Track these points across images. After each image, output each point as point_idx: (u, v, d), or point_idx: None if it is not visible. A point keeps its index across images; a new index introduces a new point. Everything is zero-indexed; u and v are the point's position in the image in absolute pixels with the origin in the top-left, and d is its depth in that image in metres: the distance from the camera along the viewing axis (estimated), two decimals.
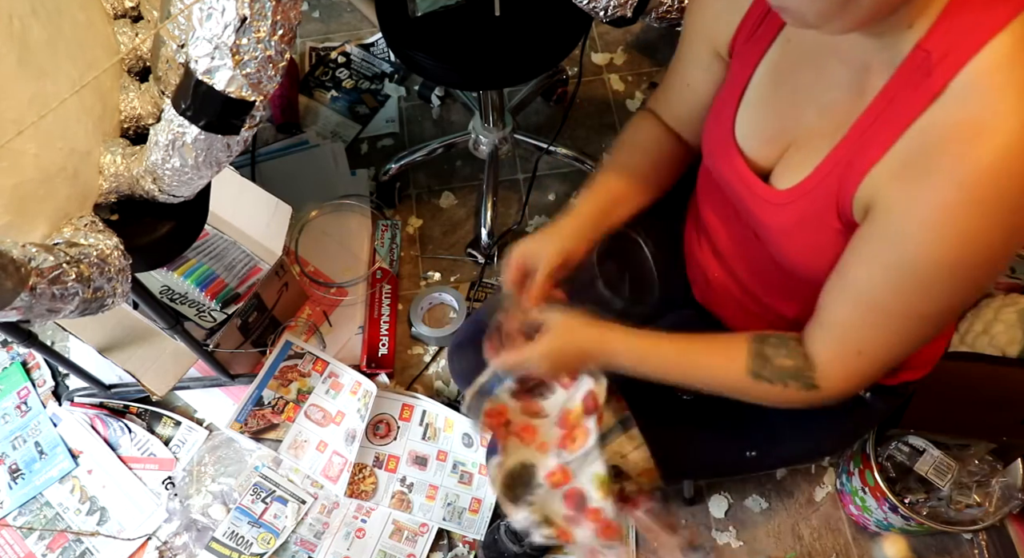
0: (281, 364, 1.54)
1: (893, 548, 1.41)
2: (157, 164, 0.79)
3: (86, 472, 1.50)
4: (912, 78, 0.61)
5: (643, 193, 0.95)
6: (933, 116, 0.59)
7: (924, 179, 0.59)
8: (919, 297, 0.65)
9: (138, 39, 0.88)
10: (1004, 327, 1.26)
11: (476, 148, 1.76)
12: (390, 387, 1.57)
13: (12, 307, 0.66)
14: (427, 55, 1.32)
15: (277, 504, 1.45)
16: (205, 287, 1.35)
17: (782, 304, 0.86)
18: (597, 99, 1.96)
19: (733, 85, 0.79)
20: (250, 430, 1.49)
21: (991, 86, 0.56)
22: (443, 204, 1.82)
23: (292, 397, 1.52)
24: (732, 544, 1.43)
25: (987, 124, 0.56)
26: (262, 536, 1.43)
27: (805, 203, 0.72)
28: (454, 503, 1.45)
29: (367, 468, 1.48)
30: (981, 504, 1.29)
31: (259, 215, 1.43)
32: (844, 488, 1.43)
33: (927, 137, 0.60)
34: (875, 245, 0.65)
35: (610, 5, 1.16)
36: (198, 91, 0.71)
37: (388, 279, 1.69)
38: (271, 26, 0.67)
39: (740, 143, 0.79)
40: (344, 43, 2.08)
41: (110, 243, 0.79)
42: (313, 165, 1.85)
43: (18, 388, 1.59)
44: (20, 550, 1.45)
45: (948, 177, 0.58)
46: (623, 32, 2.05)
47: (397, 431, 1.51)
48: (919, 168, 0.60)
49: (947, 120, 0.58)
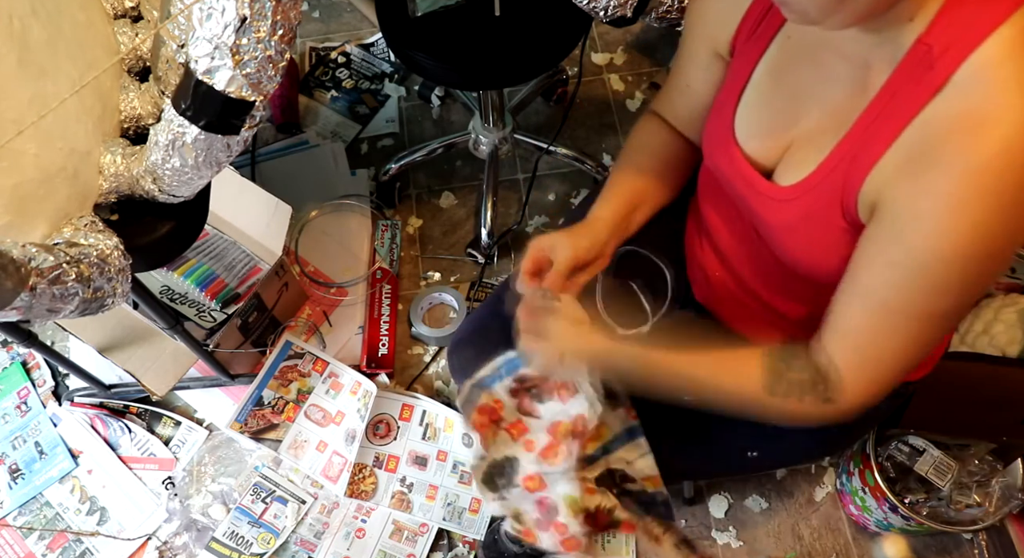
0: (281, 364, 1.54)
1: (893, 548, 1.41)
2: (157, 164, 0.79)
3: (86, 472, 1.50)
4: (914, 73, 0.61)
5: (659, 194, 0.95)
6: (935, 109, 0.59)
7: (928, 172, 0.59)
8: (931, 295, 0.65)
9: (138, 39, 0.88)
10: (1004, 327, 1.26)
11: (476, 148, 1.76)
12: (390, 387, 1.57)
13: (12, 307, 0.66)
14: (427, 55, 1.32)
15: (277, 504, 1.45)
16: (205, 287, 1.35)
17: (783, 304, 0.86)
18: (597, 99, 1.96)
19: (733, 83, 0.79)
20: (250, 430, 1.49)
21: (993, 78, 0.56)
22: (443, 204, 1.82)
23: (292, 397, 1.52)
24: (732, 544, 1.43)
25: (990, 115, 0.56)
26: (262, 536, 1.43)
27: (808, 200, 0.71)
28: (454, 503, 1.45)
29: (367, 468, 1.48)
30: (981, 504, 1.29)
31: (259, 215, 1.43)
32: (844, 488, 1.43)
33: (930, 130, 0.60)
34: (883, 244, 0.65)
35: (610, 5, 1.16)
36: (198, 91, 0.71)
37: (388, 279, 1.69)
38: (271, 26, 0.67)
39: (740, 141, 0.79)
40: (344, 43, 2.08)
41: (110, 243, 0.79)
42: (313, 165, 1.85)
43: (18, 388, 1.59)
44: (20, 550, 1.45)
45: (952, 169, 0.58)
46: (623, 32, 2.05)
47: (397, 431, 1.51)
48: (923, 162, 0.60)
49: (950, 112, 0.58)
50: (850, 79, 0.68)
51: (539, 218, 1.79)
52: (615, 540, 1.43)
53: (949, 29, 0.58)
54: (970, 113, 0.57)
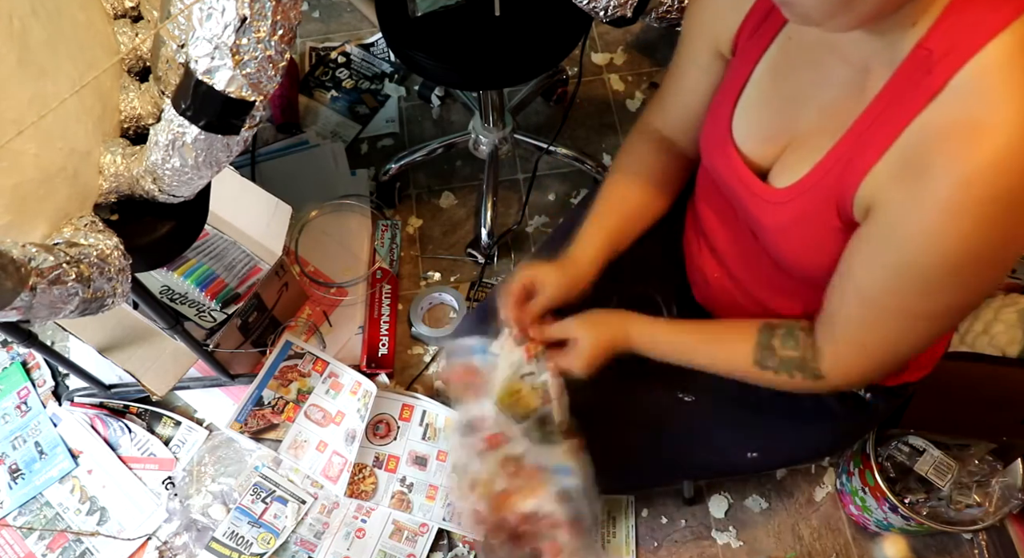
0: (281, 364, 1.54)
1: (893, 548, 1.41)
2: (157, 164, 0.79)
3: (86, 472, 1.50)
4: (912, 77, 0.61)
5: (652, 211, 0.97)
6: (931, 115, 0.59)
7: (922, 179, 0.59)
8: (921, 297, 0.65)
9: (138, 39, 0.88)
10: (1004, 327, 1.26)
11: (476, 148, 1.76)
12: (390, 387, 1.57)
13: (12, 307, 0.66)
14: (427, 55, 1.32)
15: (277, 504, 1.45)
16: (205, 287, 1.35)
17: (781, 305, 0.86)
18: (597, 99, 1.96)
19: (732, 82, 0.79)
20: (250, 430, 1.49)
21: (991, 85, 0.56)
22: (443, 204, 1.82)
23: (292, 397, 1.52)
24: (732, 544, 1.43)
25: (985, 123, 0.56)
26: (262, 536, 1.43)
27: (803, 201, 0.72)
28: (454, 503, 1.45)
29: (367, 468, 1.48)
30: (981, 504, 1.29)
31: (259, 215, 1.43)
32: (844, 488, 1.43)
33: (925, 136, 0.59)
34: (876, 246, 0.65)
35: (610, 5, 1.16)
36: (198, 91, 0.71)
37: (388, 279, 1.69)
38: (271, 26, 0.67)
39: (737, 141, 0.79)
40: (344, 43, 2.08)
41: (110, 243, 0.79)
42: (313, 165, 1.85)
43: (18, 388, 1.59)
44: (20, 550, 1.45)
45: (945, 177, 0.57)
46: (623, 32, 2.05)
47: (397, 431, 1.51)
48: (917, 168, 0.59)
49: (946, 119, 0.58)
50: (849, 82, 0.68)
51: (539, 218, 1.79)
52: (615, 540, 1.43)
53: (949, 34, 0.58)
54: (965, 121, 0.57)
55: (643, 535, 1.44)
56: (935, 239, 0.60)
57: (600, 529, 1.44)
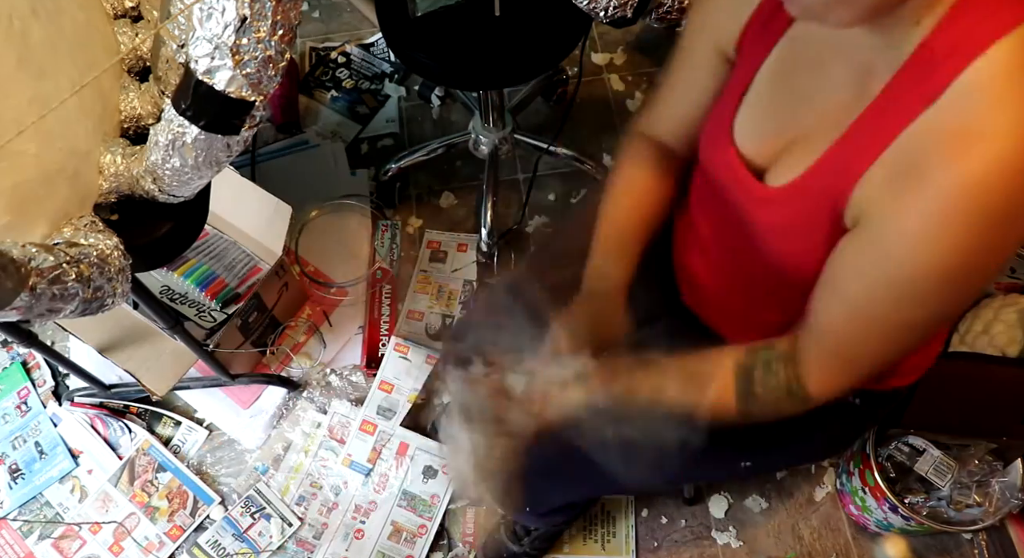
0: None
1: (893, 548, 1.41)
2: (157, 164, 0.79)
3: (86, 472, 1.50)
4: (913, 79, 0.60)
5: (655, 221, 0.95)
6: (928, 120, 0.58)
7: (915, 187, 0.58)
8: (909, 306, 0.64)
9: (138, 39, 0.88)
10: (1004, 327, 1.26)
11: (476, 148, 1.76)
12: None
13: (12, 307, 0.66)
14: (427, 55, 1.32)
15: (263, 521, 1.45)
16: (205, 287, 1.34)
17: (770, 309, 0.85)
18: (597, 99, 1.96)
19: (737, 83, 0.78)
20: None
21: (988, 92, 0.55)
22: (443, 204, 1.82)
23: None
24: (732, 544, 1.43)
25: (980, 132, 0.55)
26: (242, 551, 1.43)
27: (797, 202, 0.71)
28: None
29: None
30: (981, 504, 1.29)
31: (259, 215, 1.43)
32: (844, 488, 1.43)
33: (920, 142, 0.58)
34: (865, 254, 0.64)
35: (610, 5, 1.16)
36: (198, 91, 0.70)
37: (388, 279, 1.69)
38: (271, 26, 0.67)
39: (737, 140, 0.78)
40: (344, 43, 2.08)
41: (110, 243, 0.79)
42: (313, 165, 1.85)
43: (18, 388, 1.59)
44: (20, 550, 1.45)
45: (938, 185, 0.56)
46: (623, 32, 2.05)
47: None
48: (910, 175, 0.58)
49: (941, 127, 0.57)
50: (851, 83, 0.67)
51: (539, 218, 1.79)
52: (615, 539, 1.43)
53: (953, 34, 0.57)
54: (960, 128, 0.56)
55: (643, 535, 1.44)
56: (924, 249, 0.59)
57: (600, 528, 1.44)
